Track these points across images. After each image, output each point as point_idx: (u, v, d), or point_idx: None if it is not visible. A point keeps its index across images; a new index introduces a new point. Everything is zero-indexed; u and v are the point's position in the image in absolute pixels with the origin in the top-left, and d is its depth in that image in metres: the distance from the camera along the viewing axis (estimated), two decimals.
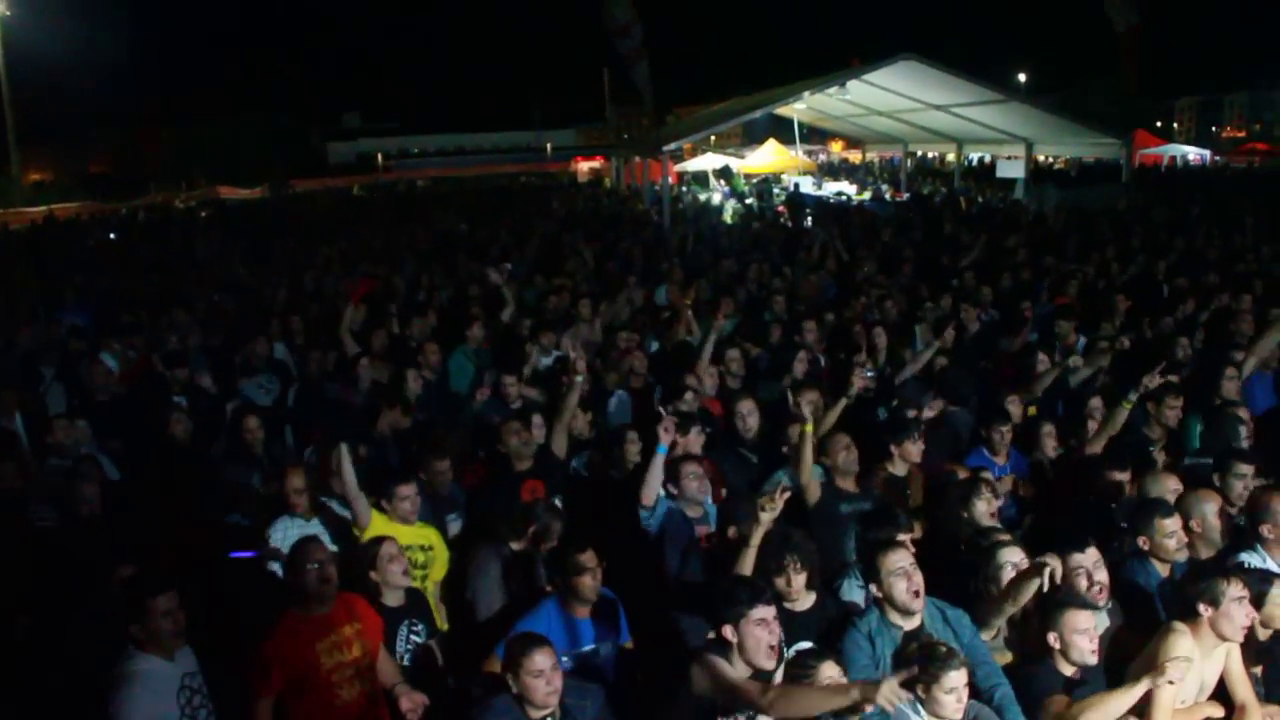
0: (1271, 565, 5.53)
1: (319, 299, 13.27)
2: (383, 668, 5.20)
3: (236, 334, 10.98)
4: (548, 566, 5.63)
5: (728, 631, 4.43)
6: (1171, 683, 4.29)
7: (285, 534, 6.14)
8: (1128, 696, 4.41)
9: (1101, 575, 5.09)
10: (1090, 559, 5.08)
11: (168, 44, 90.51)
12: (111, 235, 30.13)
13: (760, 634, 4.38)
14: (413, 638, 5.60)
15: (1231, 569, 4.95)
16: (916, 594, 4.78)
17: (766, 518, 5.12)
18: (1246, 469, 6.39)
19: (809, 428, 6.39)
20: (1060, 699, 4.58)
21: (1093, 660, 4.68)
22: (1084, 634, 4.64)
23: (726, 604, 4.44)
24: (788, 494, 5.21)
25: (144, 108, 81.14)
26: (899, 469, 6.98)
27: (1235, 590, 4.75)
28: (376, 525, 6.03)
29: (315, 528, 6.21)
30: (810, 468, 6.41)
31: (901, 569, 4.75)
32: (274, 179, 56.76)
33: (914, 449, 6.98)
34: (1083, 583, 5.03)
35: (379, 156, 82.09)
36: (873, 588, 4.86)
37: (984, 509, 5.98)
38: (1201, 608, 4.79)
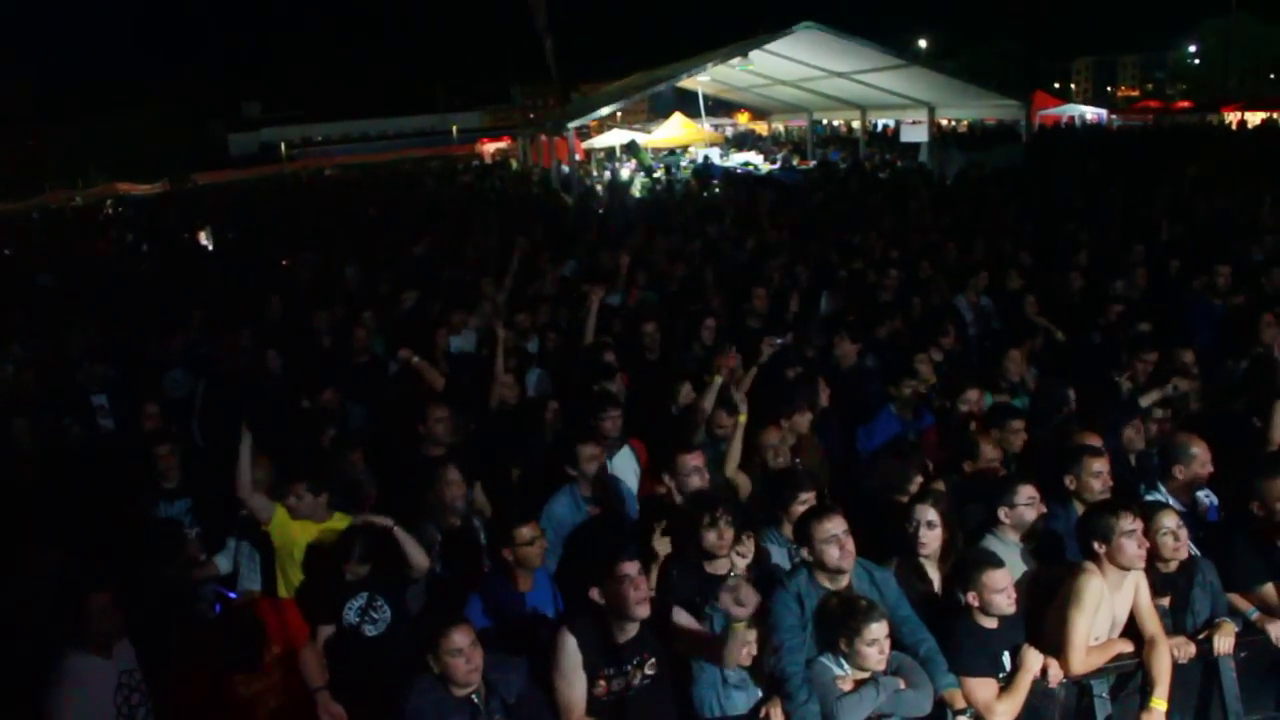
0: (1172, 503, 5.69)
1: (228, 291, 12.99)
2: (306, 670, 5.18)
3: (144, 330, 10.73)
4: (489, 541, 5.61)
5: (595, 594, 4.51)
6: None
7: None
8: (1026, 683, 4.75)
9: (1042, 508, 5.34)
10: (1034, 492, 5.34)
11: (56, 39, 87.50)
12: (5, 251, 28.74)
13: (626, 591, 4.45)
14: (370, 613, 5.50)
15: (1120, 503, 5.08)
16: (848, 558, 4.83)
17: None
18: (1161, 414, 6.61)
19: (743, 418, 6.42)
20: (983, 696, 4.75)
21: (1010, 610, 4.80)
22: (1002, 592, 4.75)
23: (594, 568, 4.55)
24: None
25: (35, 105, 78.46)
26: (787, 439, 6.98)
27: (1125, 524, 4.88)
28: (280, 520, 5.94)
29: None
30: (738, 460, 6.41)
31: (834, 535, 4.78)
32: (175, 173, 55.39)
33: (802, 420, 7.06)
34: (1033, 513, 5.31)
35: (282, 146, 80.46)
36: (804, 552, 4.89)
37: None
38: (1095, 545, 4.94)
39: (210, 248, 21.00)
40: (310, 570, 5.91)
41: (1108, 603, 4.92)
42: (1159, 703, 4.84)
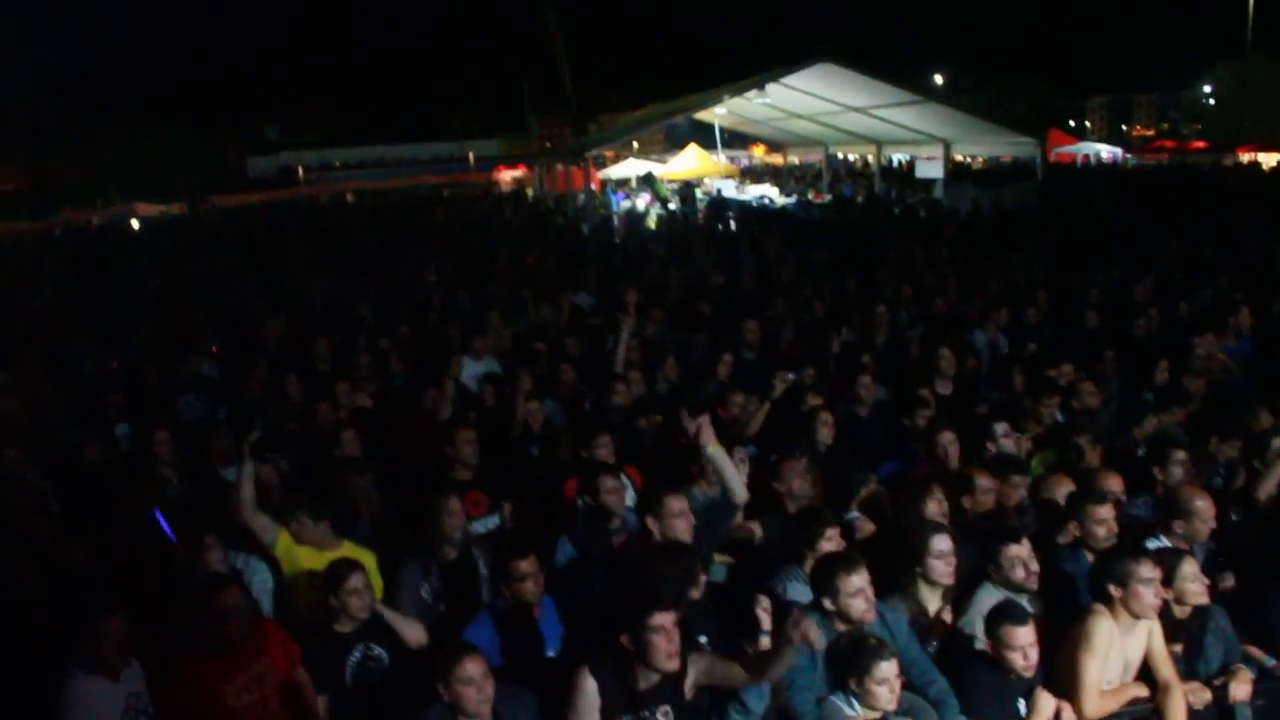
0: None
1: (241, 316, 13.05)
2: (302, 694, 5.10)
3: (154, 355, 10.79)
4: (491, 574, 5.58)
5: (625, 640, 4.43)
6: None
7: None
8: None
9: (1034, 564, 5.20)
10: (1025, 550, 5.19)
11: (77, 59, 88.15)
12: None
13: (659, 642, 4.37)
14: (369, 663, 5.35)
15: (1140, 550, 5.08)
16: (871, 612, 4.81)
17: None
18: (1181, 455, 6.52)
19: (714, 448, 6.05)
20: None
21: (1026, 673, 4.74)
22: (1018, 651, 4.69)
23: (624, 612, 4.46)
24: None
25: (54, 124, 79.00)
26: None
27: (1145, 571, 4.86)
28: (285, 545, 5.90)
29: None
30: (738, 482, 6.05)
31: (859, 589, 4.77)
32: (192, 195, 55.71)
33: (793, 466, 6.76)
34: (1020, 572, 5.13)
35: (300, 170, 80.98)
36: (826, 602, 4.85)
37: (934, 509, 5.94)
38: (1111, 588, 4.90)
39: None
40: (301, 629, 5.73)
41: (1119, 646, 4.90)
42: None
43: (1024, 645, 4.68)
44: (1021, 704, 4.82)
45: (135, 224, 42.28)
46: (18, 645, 5.14)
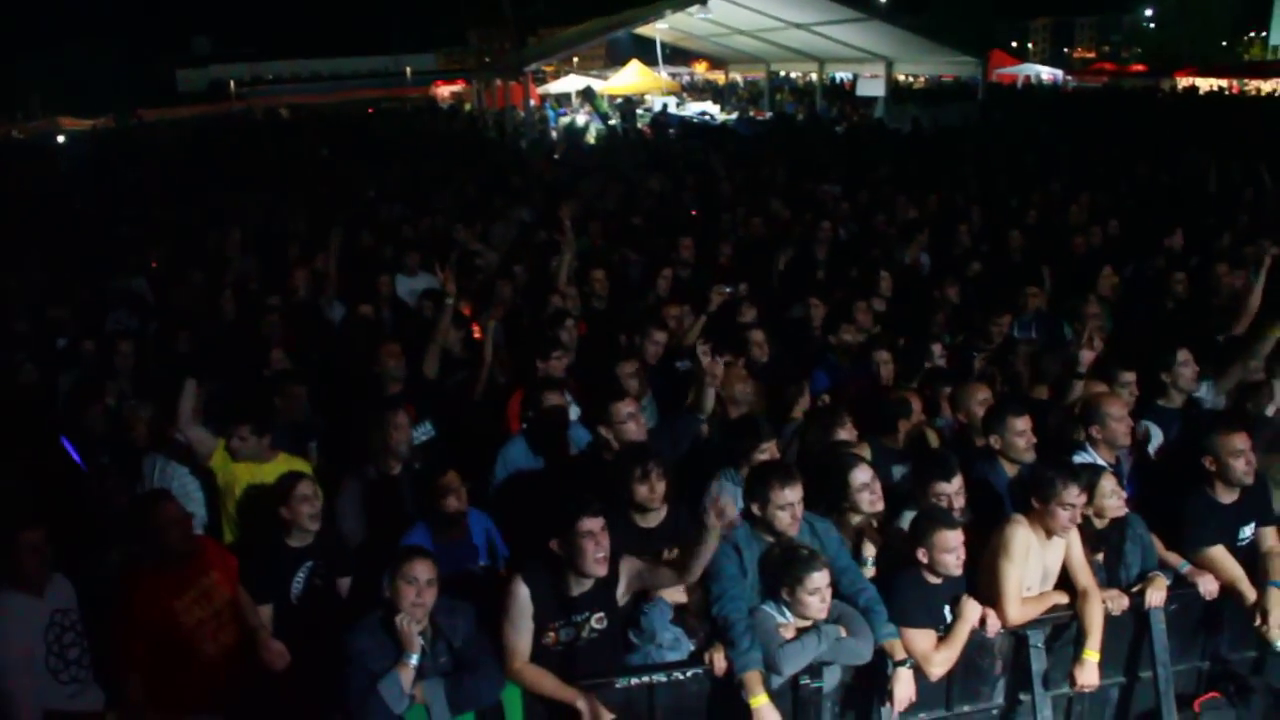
0: (1100, 462, 5.75)
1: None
2: (244, 609, 5.10)
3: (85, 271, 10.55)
4: (414, 490, 5.60)
5: (555, 545, 4.50)
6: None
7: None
8: (964, 634, 4.88)
9: (960, 501, 5.25)
10: (953, 487, 5.24)
11: None
12: None
13: (587, 547, 4.44)
14: (315, 580, 5.37)
15: (1069, 470, 5.15)
16: (795, 526, 4.83)
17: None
18: (1129, 377, 6.60)
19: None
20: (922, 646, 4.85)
21: (957, 572, 4.87)
22: (951, 552, 4.80)
23: (554, 518, 4.52)
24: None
25: None
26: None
27: (1068, 495, 4.96)
28: (221, 459, 5.90)
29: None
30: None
31: (789, 504, 4.78)
32: (119, 109, 54.08)
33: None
34: (944, 506, 5.20)
35: (232, 84, 78.81)
36: (754, 506, 4.88)
37: (846, 436, 6.00)
38: (1033, 500, 5.04)
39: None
40: (250, 538, 5.77)
41: (1038, 554, 5.05)
42: (1091, 654, 4.98)
43: (955, 547, 4.80)
44: (947, 610, 4.96)
45: (60, 139, 41.03)
46: None
